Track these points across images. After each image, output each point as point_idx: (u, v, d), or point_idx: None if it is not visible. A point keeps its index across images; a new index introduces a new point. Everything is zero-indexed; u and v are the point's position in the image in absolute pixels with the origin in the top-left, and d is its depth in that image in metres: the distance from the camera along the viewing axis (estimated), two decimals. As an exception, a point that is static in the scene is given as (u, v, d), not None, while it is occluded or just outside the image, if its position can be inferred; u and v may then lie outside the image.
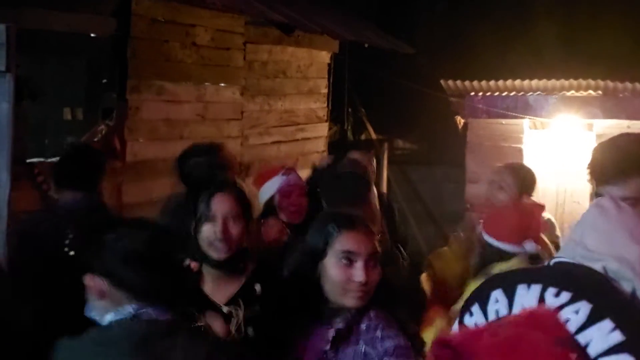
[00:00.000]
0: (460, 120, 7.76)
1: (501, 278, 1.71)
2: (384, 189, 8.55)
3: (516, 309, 1.57)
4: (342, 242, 2.07)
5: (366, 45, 7.36)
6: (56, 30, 4.28)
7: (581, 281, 1.58)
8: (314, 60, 7.01)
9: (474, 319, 1.64)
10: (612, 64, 7.67)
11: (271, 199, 3.56)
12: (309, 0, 7.69)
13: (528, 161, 7.31)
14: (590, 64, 7.73)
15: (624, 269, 1.58)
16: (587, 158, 2.35)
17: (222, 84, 5.64)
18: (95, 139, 4.50)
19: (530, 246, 2.81)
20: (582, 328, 1.48)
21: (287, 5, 6.31)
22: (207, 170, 3.05)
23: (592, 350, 1.45)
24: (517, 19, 8.98)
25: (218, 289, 2.38)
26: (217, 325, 2.11)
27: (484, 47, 8.54)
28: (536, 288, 1.57)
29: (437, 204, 9.19)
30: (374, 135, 9.14)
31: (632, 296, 1.57)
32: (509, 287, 1.62)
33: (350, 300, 2.06)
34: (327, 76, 7.29)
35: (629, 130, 6.98)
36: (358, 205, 2.79)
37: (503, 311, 1.59)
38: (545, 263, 1.76)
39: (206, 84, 5.44)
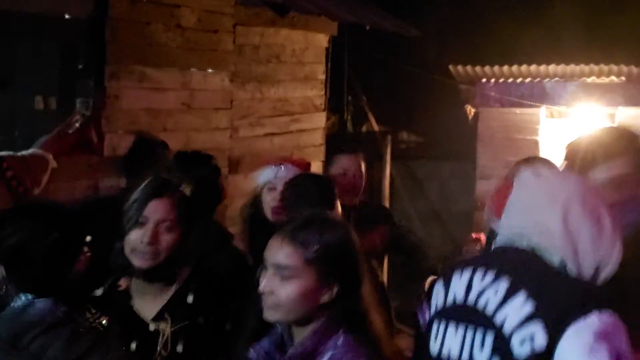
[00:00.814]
0: (470, 110, 7.76)
1: (445, 269, 2.00)
2: (387, 186, 8.53)
3: (449, 298, 1.84)
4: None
5: (368, 28, 7.34)
6: (27, 12, 4.24)
7: (505, 260, 1.81)
8: (311, 44, 6.98)
9: (424, 315, 1.95)
10: (636, 48, 7.66)
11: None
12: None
13: (545, 154, 7.33)
14: (613, 48, 7.72)
15: (544, 240, 1.77)
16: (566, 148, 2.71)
17: (210, 70, 5.61)
18: (70, 131, 4.47)
19: None
20: (500, 306, 1.71)
21: (281, -16, 6.29)
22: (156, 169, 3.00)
23: (508, 327, 1.69)
24: (532, -1, 8.97)
25: (145, 303, 2.37)
26: None
27: (497, 29, 8.52)
28: (467, 272, 1.84)
29: (444, 202, 9.18)
30: (376, 127, 9.13)
31: (550, 267, 1.76)
32: (447, 275, 1.90)
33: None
34: (324, 61, 7.26)
35: (656, 120, 7.01)
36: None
37: (440, 302, 1.88)
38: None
39: (192, 69, 5.42)
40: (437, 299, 1.89)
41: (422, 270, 3.90)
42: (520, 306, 1.68)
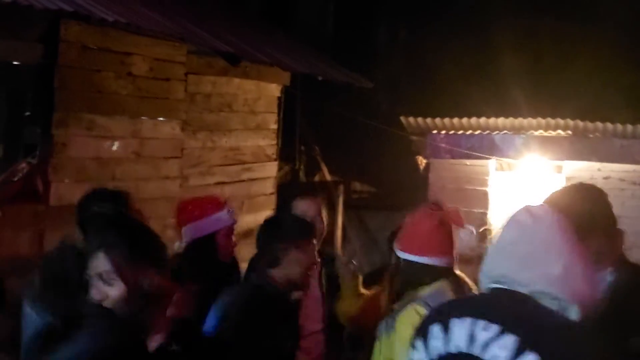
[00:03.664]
0: (421, 161, 7.90)
1: (438, 311, 1.96)
2: (339, 236, 8.57)
3: (452, 345, 1.80)
4: None
5: (320, 78, 7.46)
6: (-27, 57, 4.24)
7: (508, 311, 1.78)
8: (263, 94, 7.06)
9: (418, 354, 1.88)
10: (581, 104, 7.95)
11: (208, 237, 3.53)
12: (258, 29, 7.78)
13: (494, 205, 7.49)
14: (559, 103, 8.00)
15: (550, 290, 1.77)
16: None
17: (161, 118, 5.63)
18: (15, 179, 4.43)
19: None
20: None
21: (234, 34, 6.38)
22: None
23: None
24: (482, 54, 9.25)
25: None
26: None
27: (447, 82, 8.75)
28: (467, 322, 1.79)
29: (397, 252, 9.23)
30: (328, 177, 9.20)
31: (556, 316, 1.77)
32: (445, 321, 1.85)
33: None
34: (277, 111, 7.34)
35: (600, 173, 7.25)
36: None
37: (440, 347, 1.83)
38: (484, 287, 1.92)
39: (143, 118, 5.43)
40: (436, 343, 1.85)
41: None
42: None
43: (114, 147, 5.03)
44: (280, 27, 8.79)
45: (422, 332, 1.91)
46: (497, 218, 7.29)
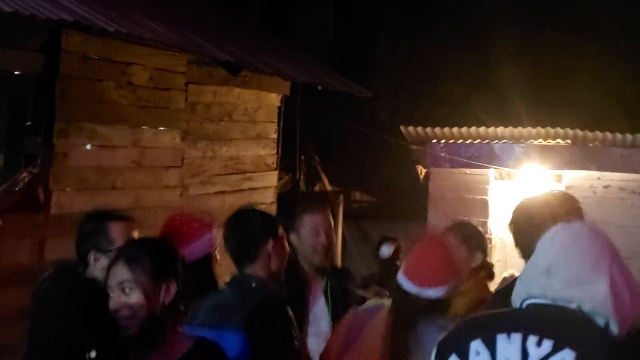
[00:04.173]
0: (421, 170, 7.90)
1: (477, 326, 1.83)
2: (339, 246, 8.57)
3: None
4: None
5: (320, 88, 7.48)
6: (-26, 67, 4.26)
7: (560, 326, 1.71)
8: (263, 103, 7.08)
9: None
10: (581, 113, 7.97)
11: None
12: (258, 39, 7.81)
13: (494, 214, 7.49)
14: (559, 112, 8.02)
15: (597, 307, 1.71)
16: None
17: (161, 128, 5.65)
18: (17, 188, 4.44)
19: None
20: None
21: (234, 44, 6.40)
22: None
23: None
24: (482, 63, 9.29)
25: None
26: None
27: (447, 92, 8.79)
28: (516, 337, 1.70)
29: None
30: (328, 186, 9.21)
31: (607, 330, 1.72)
32: (488, 336, 1.74)
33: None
34: (277, 120, 7.36)
35: (600, 182, 7.27)
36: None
37: None
38: (518, 303, 1.83)
39: (143, 127, 5.44)
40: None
41: None
42: None
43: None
44: (280, 37, 8.82)
45: (457, 347, 1.79)
46: (497, 227, 7.29)
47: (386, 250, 5.67)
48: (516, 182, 7.56)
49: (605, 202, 7.06)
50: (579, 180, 7.27)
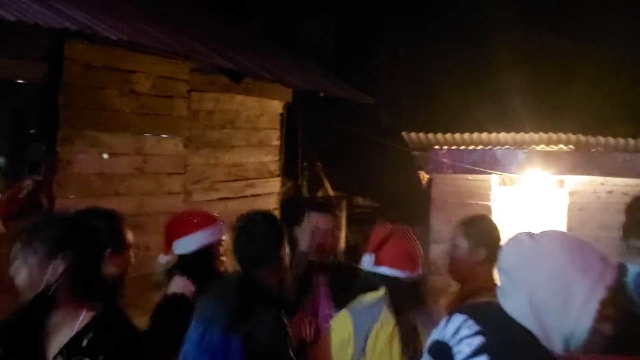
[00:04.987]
0: (424, 176, 7.91)
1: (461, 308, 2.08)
2: (342, 250, 8.59)
3: (443, 334, 1.96)
4: None
5: (322, 95, 7.51)
6: (-22, 76, 4.29)
7: (491, 320, 1.93)
8: (265, 110, 7.11)
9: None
10: (583, 118, 7.98)
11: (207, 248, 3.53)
12: (260, 46, 7.85)
13: (497, 220, 7.50)
14: (561, 117, 8.03)
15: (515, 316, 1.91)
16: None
17: (164, 135, 5.68)
18: (20, 195, 4.47)
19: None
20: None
21: (237, 52, 6.44)
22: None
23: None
24: (484, 69, 9.31)
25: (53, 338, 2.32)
26: None
27: (449, 98, 8.81)
28: (462, 317, 1.96)
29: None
30: (331, 192, 9.24)
31: (528, 337, 1.87)
32: (450, 315, 2.00)
33: None
34: (279, 127, 7.38)
35: (603, 188, 7.27)
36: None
37: (436, 334, 1.99)
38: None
39: (146, 134, 5.48)
40: (437, 330, 2.00)
41: None
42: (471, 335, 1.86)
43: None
44: (282, 44, 8.87)
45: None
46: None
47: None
48: (519, 188, 7.57)
49: (609, 207, 7.06)
50: (582, 185, 7.28)
